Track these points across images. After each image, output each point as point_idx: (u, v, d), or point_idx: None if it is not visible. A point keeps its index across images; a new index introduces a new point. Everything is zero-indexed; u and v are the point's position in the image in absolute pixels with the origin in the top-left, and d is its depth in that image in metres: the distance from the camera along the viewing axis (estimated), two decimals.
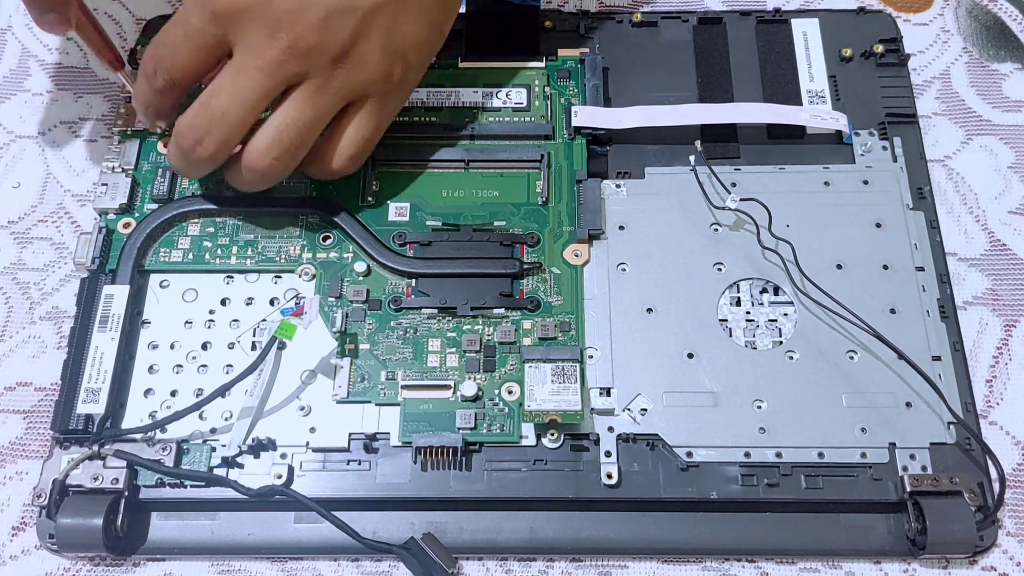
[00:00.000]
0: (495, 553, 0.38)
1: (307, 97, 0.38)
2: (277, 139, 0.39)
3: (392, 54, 0.39)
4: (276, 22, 0.37)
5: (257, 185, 0.40)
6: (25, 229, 0.46)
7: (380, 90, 0.40)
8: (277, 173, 0.40)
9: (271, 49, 0.37)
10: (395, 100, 0.42)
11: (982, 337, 0.43)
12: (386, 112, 0.41)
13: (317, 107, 0.39)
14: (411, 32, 0.40)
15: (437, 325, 0.41)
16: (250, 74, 0.37)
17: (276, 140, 0.39)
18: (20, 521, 0.40)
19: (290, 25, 0.37)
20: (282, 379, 0.40)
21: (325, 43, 0.37)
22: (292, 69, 0.37)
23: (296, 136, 0.39)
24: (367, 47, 0.38)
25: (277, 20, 0.37)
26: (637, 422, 0.39)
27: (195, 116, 0.38)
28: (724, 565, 0.38)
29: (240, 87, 0.37)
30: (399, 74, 0.40)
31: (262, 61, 0.37)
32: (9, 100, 0.49)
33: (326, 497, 0.38)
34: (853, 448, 0.39)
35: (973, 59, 0.50)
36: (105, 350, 0.40)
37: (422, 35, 0.41)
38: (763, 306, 0.42)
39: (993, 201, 0.46)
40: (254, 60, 0.37)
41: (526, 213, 0.44)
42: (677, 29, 0.49)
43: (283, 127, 0.38)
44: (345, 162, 0.41)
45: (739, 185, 0.44)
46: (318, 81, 0.38)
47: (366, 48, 0.38)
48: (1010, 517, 0.39)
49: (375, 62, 0.39)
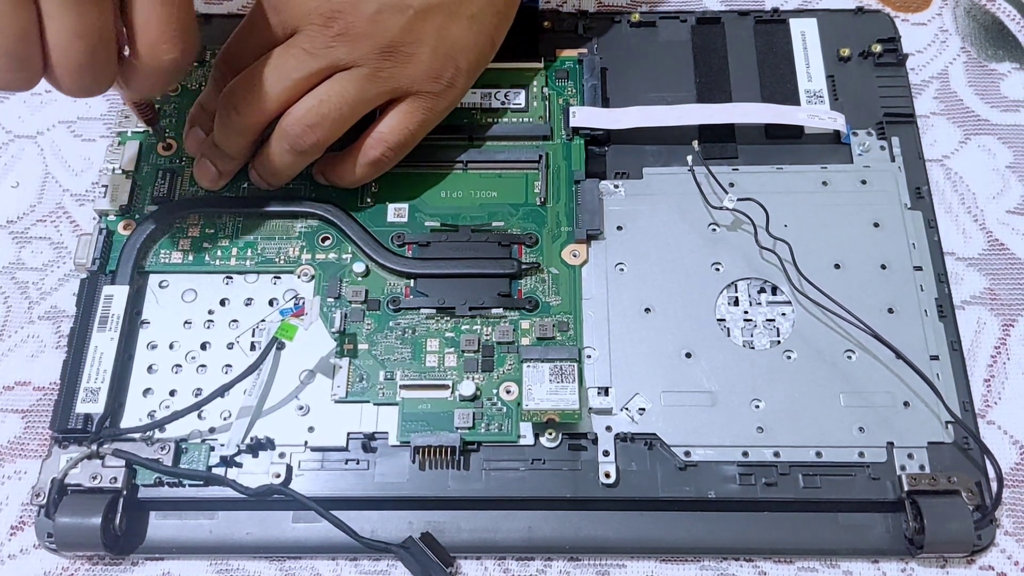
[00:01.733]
0: (493, 552, 0.39)
1: (354, 79, 0.39)
2: (316, 107, 0.39)
3: (442, 56, 0.40)
4: (332, 12, 0.38)
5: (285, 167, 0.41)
6: (24, 229, 0.46)
7: (429, 88, 0.41)
8: (309, 145, 0.40)
9: (322, 35, 0.38)
10: (444, 102, 0.42)
11: (980, 337, 0.43)
12: (433, 112, 0.42)
13: (362, 89, 0.39)
14: (462, 37, 0.41)
15: (435, 325, 0.41)
16: (297, 52, 0.39)
17: (314, 108, 0.39)
18: (19, 520, 0.40)
19: (343, 15, 0.38)
20: (281, 379, 0.40)
21: (374, 34, 0.39)
22: (340, 55, 0.39)
23: (335, 109, 0.39)
24: (418, 45, 0.39)
25: (332, 11, 0.38)
26: (635, 421, 0.39)
27: (238, 83, 0.39)
28: (722, 564, 0.39)
29: (285, 62, 0.39)
30: (449, 76, 0.41)
31: (311, 43, 0.38)
32: (8, 100, 0.49)
33: (324, 496, 0.38)
34: (851, 447, 0.39)
35: (971, 59, 0.50)
36: (104, 350, 0.40)
37: (472, 41, 0.41)
38: (761, 306, 0.42)
39: (991, 201, 0.46)
40: (303, 42, 0.39)
41: (524, 213, 0.44)
42: (675, 29, 0.49)
43: (325, 97, 0.39)
44: (384, 150, 0.42)
45: (737, 185, 0.44)
46: (368, 68, 0.39)
47: (416, 46, 0.39)
48: (1008, 516, 0.39)
49: (425, 61, 0.40)
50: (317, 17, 0.38)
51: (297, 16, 0.39)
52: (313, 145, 0.40)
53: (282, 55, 0.39)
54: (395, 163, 0.43)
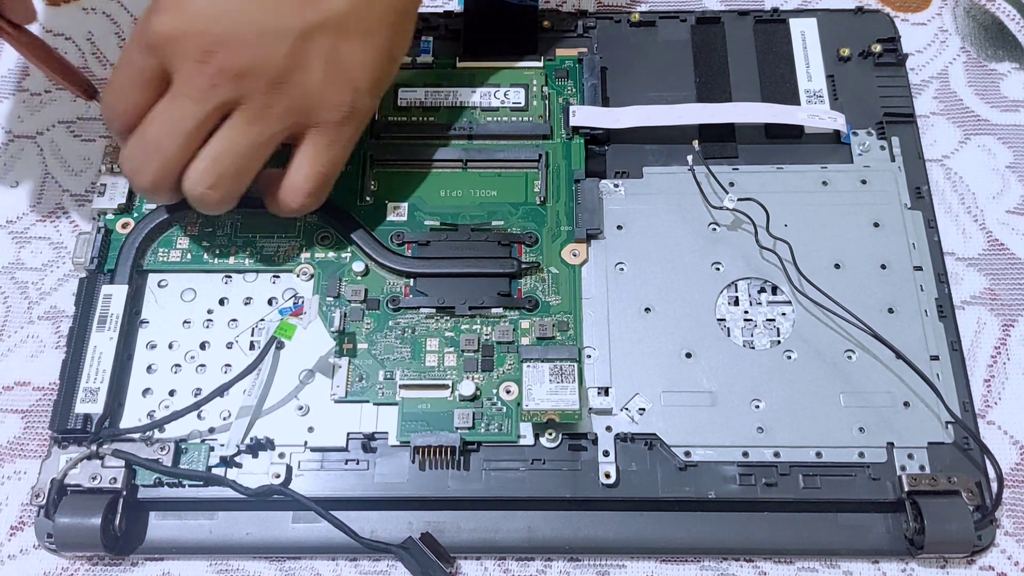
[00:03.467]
0: (493, 553, 0.39)
1: (243, 124, 0.37)
2: (211, 168, 0.37)
3: (338, 79, 0.37)
4: (207, 47, 0.35)
5: (205, 211, 0.39)
6: (23, 228, 0.46)
7: (330, 118, 0.38)
8: (214, 202, 0.38)
9: (201, 75, 0.36)
10: (349, 130, 0.39)
11: (980, 337, 0.43)
12: (340, 143, 0.39)
13: (253, 134, 0.37)
14: (356, 56, 0.38)
15: (435, 325, 0.41)
16: (182, 102, 0.36)
17: (209, 169, 0.37)
18: (18, 521, 0.40)
19: (221, 49, 0.35)
20: (280, 378, 0.40)
21: (257, 66, 0.36)
22: (225, 94, 0.36)
23: (231, 165, 0.37)
24: (307, 71, 0.37)
25: (208, 45, 0.35)
26: (635, 422, 0.39)
27: (132, 146, 0.37)
28: (722, 565, 0.39)
29: (172, 116, 0.36)
30: (349, 101, 0.38)
31: (193, 88, 0.36)
32: (7, 100, 0.49)
33: (324, 497, 0.38)
34: (851, 448, 0.39)
35: (971, 59, 0.50)
36: (104, 350, 0.40)
37: (369, 59, 0.38)
38: (761, 306, 0.42)
39: (991, 201, 0.46)
40: (185, 87, 0.36)
41: (524, 213, 0.44)
42: (675, 29, 0.49)
43: (216, 155, 0.37)
44: (303, 199, 0.39)
45: (737, 185, 0.44)
46: (255, 107, 0.36)
47: (306, 72, 0.37)
48: (1008, 517, 0.39)
49: (317, 88, 0.37)
50: (193, 53, 0.35)
51: (171, 55, 0.36)
52: (220, 202, 0.38)
53: (167, 108, 0.36)
54: (324, 198, 0.40)
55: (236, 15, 0.36)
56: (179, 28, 0.36)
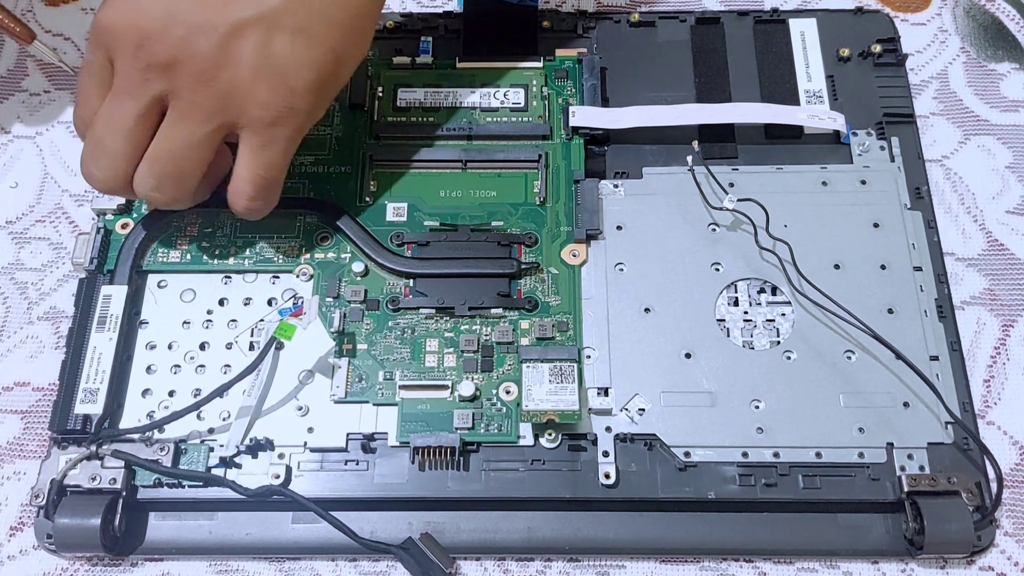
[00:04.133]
0: (493, 553, 0.38)
1: (176, 121, 0.36)
2: (150, 169, 0.37)
3: (267, 77, 0.36)
4: (139, 40, 0.35)
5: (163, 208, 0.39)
6: (23, 229, 0.46)
7: (261, 116, 0.37)
8: (165, 203, 0.38)
9: (135, 68, 0.36)
10: (286, 130, 0.37)
11: (980, 337, 0.43)
12: (277, 145, 0.38)
13: (186, 132, 0.36)
14: (290, 54, 0.36)
15: (435, 325, 0.41)
16: (121, 98, 0.36)
17: (149, 170, 0.37)
18: (18, 521, 0.40)
19: (151, 43, 0.35)
20: (280, 379, 0.40)
21: (186, 60, 0.35)
22: (156, 88, 0.36)
23: (169, 165, 0.37)
24: (235, 68, 0.36)
25: (139, 38, 0.35)
26: (635, 422, 0.39)
27: (85, 146, 0.38)
28: (722, 565, 0.38)
29: (112, 113, 0.36)
30: (282, 100, 0.36)
31: (128, 82, 0.36)
32: (7, 100, 0.49)
33: (324, 497, 0.38)
34: (851, 448, 0.39)
35: (971, 59, 0.50)
36: (103, 350, 0.40)
37: (306, 58, 0.36)
38: (761, 306, 0.42)
39: (991, 201, 0.46)
40: (121, 82, 0.36)
41: (524, 213, 0.44)
42: (675, 29, 0.49)
43: (154, 156, 0.37)
44: (246, 202, 0.38)
45: (737, 185, 0.44)
46: (184, 103, 0.36)
47: (234, 69, 0.36)
48: (1008, 517, 0.39)
49: (246, 86, 0.36)
50: (128, 47, 0.36)
51: (112, 48, 0.36)
52: (171, 202, 0.38)
53: (108, 106, 0.37)
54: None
55: (169, 8, 0.36)
56: (116, 19, 0.36)
